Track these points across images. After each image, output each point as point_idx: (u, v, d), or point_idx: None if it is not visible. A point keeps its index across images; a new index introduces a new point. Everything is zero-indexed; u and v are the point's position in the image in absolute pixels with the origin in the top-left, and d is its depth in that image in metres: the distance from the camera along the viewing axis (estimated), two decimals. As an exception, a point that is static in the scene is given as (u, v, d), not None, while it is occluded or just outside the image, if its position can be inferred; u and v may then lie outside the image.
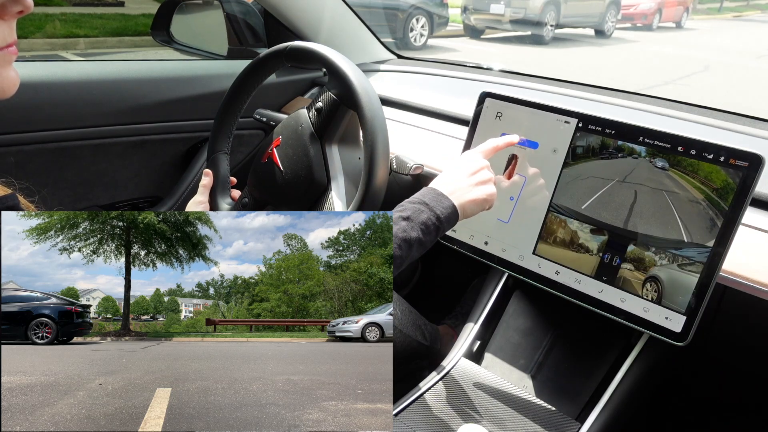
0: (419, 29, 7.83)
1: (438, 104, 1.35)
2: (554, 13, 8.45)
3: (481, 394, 0.94)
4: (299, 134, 0.99)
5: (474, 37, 8.94)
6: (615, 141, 0.87)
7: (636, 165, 0.85)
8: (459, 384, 0.96)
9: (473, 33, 8.98)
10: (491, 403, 0.92)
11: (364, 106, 0.87)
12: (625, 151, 0.86)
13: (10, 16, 0.53)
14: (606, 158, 0.88)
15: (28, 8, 0.52)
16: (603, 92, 1.30)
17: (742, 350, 0.97)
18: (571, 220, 0.90)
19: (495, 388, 0.95)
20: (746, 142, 0.98)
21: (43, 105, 1.23)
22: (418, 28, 7.82)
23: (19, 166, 1.24)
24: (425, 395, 0.93)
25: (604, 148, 0.88)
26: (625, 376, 0.90)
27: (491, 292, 1.08)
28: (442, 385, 0.95)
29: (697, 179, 0.80)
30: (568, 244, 0.90)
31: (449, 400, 0.93)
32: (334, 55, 0.93)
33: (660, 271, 0.82)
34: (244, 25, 1.63)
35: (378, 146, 0.85)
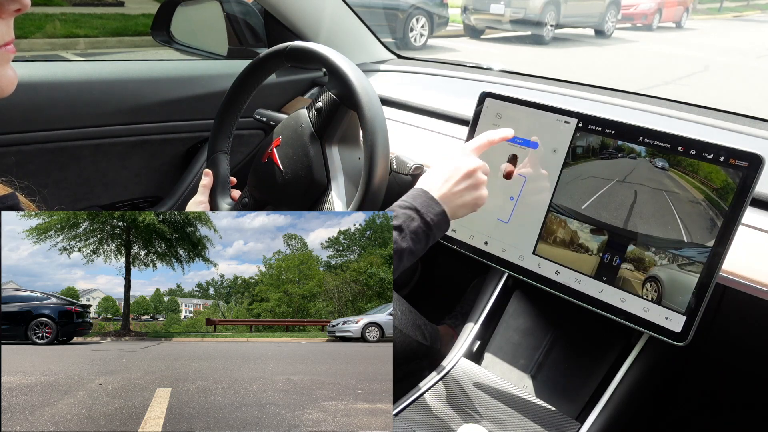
0: (419, 29, 7.85)
1: (438, 104, 1.35)
2: (554, 13, 8.46)
3: (481, 394, 0.94)
4: (299, 134, 0.99)
5: (474, 37, 8.95)
6: (615, 141, 0.87)
7: (636, 165, 0.85)
8: (459, 384, 0.96)
9: (473, 33, 8.98)
10: (491, 403, 0.92)
11: (364, 106, 0.87)
12: (625, 151, 0.86)
13: (8, 14, 0.52)
14: (606, 158, 0.88)
15: (26, 6, 0.52)
16: (603, 92, 1.30)
17: (741, 350, 0.97)
18: (571, 220, 0.90)
19: (495, 388, 0.95)
20: (746, 142, 0.98)
21: (44, 105, 1.23)
22: (418, 28, 7.83)
23: (20, 166, 1.25)
24: (425, 395, 0.93)
25: (604, 148, 0.88)
26: (625, 376, 0.90)
27: (491, 292, 1.08)
28: (442, 385, 0.95)
29: (697, 179, 0.80)
30: (568, 244, 0.90)
31: (449, 400, 0.93)
32: (334, 55, 0.93)
33: (660, 271, 0.82)
34: (244, 25, 1.63)
35: (378, 146, 0.85)
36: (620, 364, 0.92)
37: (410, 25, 7.69)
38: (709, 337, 0.89)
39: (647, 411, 1.04)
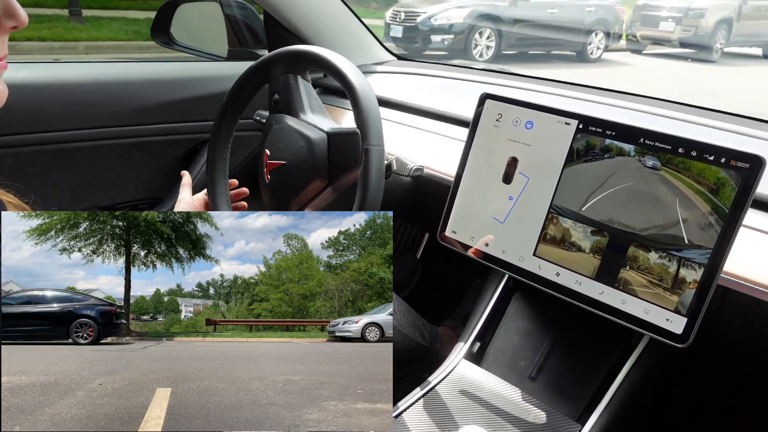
0: (597, 42, 8.31)
1: (438, 106, 1.35)
2: (725, 32, 8.36)
3: (482, 396, 0.94)
4: (277, 128, 1.01)
5: (635, 52, 9.02)
6: (615, 142, 0.87)
7: (636, 167, 0.85)
8: (459, 385, 0.96)
9: (636, 47, 9.03)
10: (491, 404, 0.92)
11: (363, 107, 0.88)
12: (625, 153, 0.86)
13: (4, 31, 0.53)
14: (606, 160, 0.88)
15: (23, 24, 0.52)
16: (603, 93, 1.30)
17: (743, 352, 0.97)
18: (572, 221, 0.90)
19: (495, 390, 0.95)
20: (747, 143, 0.98)
21: (44, 106, 1.23)
22: (596, 41, 8.29)
23: (19, 167, 1.24)
24: (425, 396, 0.93)
25: (604, 149, 0.88)
26: (626, 378, 0.90)
27: (492, 294, 1.08)
28: (442, 387, 0.95)
29: (698, 181, 0.80)
30: (569, 245, 0.90)
31: (449, 401, 0.92)
32: (335, 59, 0.93)
33: (661, 273, 0.82)
34: (244, 27, 1.63)
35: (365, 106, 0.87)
36: (621, 365, 0.92)
37: (590, 39, 8.19)
38: (710, 338, 0.89)
39: (648, 413, 1.03)
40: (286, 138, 0.99)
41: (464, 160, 1.01)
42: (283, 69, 1.01)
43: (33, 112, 1.22)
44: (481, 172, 0.99)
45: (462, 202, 1.01)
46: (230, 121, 1.10)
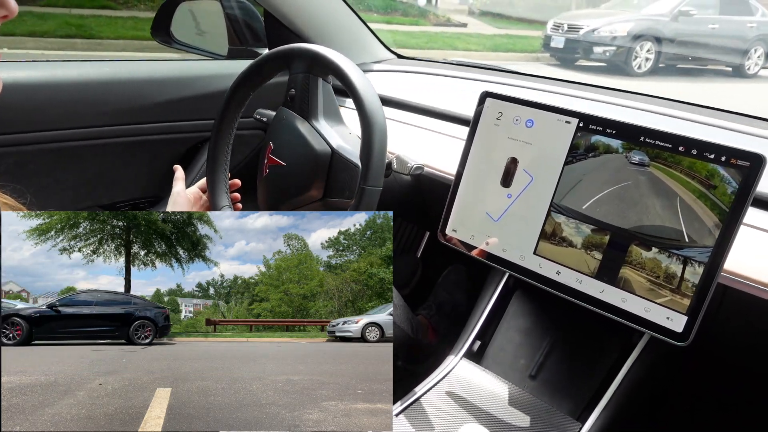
0: (755, 59, 8.30)
1: (439, 104, 1.35)
2: None
3: (482, 395, 0.93)
4: (285, 125, 1.00)
5: None
6: (616, 141, 0.87)
7: (636, 165, 0.85)
8: (459, 384, 0.96)
9: None
10: (492, 403, 0.92)
11: (372, 142, 0.87)
12: (625, 151, 0.86)
13: None
14: (607, 158, 0.87)
15: (13, 13, 0.52)
16: (604, 92, 1.30)
17: (743, 350, 0.97)
18: (572, 219, 0.90)
19: (495, 389, 0.95)
20: (748, 141, 0.98)
21: (43, 105, 1.23)
22: (754, 57, 8.30)
23: (19, 166, 1.24)
24: (426, 395, 0.93)
25: (604, 148, 0.88)
26: (626, 376, 0.90)
27: (492, 293, 1.08)
28: (442, 385, 0.95)
29: (698, 179, 0.80)
30: (569, 244, 0.90)
31: (450, 400, 0.92)
32: (336, 57, 0.93)
33: (661, 271, 0.82)
34: (245, 25, 1.63)
35: (374, 143, 0.86)
36: (621, 364, 0.92)
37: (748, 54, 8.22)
38: (710, 337, 0.89)
39: (648, 411, 1.03)
40: (291, 140, 0.98)
41: (464, 159, 1.00)
42: (305, 67, 0.98)
43: (33, 111, 1.22)
44: (481, 171, 0.99)
45: (462, 200, 1.01)
46: (231, 119, 1.10)
